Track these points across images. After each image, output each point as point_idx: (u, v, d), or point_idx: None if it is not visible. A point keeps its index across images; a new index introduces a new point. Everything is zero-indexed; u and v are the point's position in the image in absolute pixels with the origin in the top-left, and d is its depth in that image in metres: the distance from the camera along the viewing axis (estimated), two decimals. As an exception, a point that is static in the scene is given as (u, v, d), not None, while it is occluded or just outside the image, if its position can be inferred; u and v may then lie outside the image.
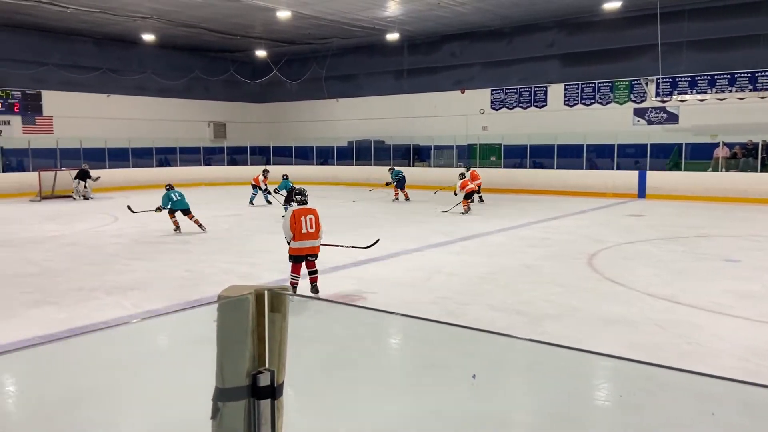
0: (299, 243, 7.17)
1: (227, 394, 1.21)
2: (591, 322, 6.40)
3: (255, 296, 1.22)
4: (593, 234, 12.20)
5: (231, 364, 1.20)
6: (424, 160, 26.65)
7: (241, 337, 1.20)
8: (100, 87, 26.17)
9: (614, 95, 22.08)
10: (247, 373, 1.21)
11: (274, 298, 1.24)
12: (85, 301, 7.26)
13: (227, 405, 1.21)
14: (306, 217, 7.22)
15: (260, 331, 1.23)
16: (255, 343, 1.22)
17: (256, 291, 1.24)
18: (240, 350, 1.20)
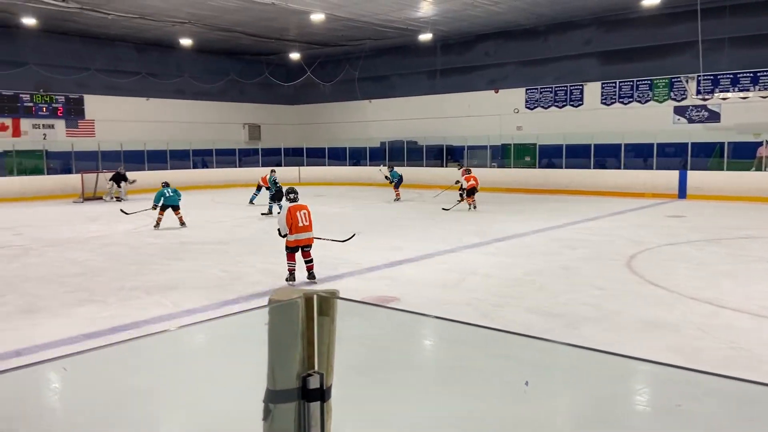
0: (296, 235, 8.18)
1: (278, 396, 1.23)
2: (631, 325, 6.29)
3: (304, 300, 1.24)
4: (632, 235, 11.96)
5: (282, 366, 1.23)
6: (458, 161, 26.50)
7: (291, 340, 1.22)
8: (139, 91, 26.80)
9: (653, 93, 21.61)
10: (298, 375, 1.23)
11: (322, 302, 1.26)
12: (127, 300, 7.45)
13: (278, 407, 1.23)
14: (300, 212, 8.26)
15: (309, 334, 1.25)
16: (305, 346, 1.24)
17: (305, 294, 1.26)
18: (290, 353, 1.22)
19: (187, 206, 19.07)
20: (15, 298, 7.57)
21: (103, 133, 25.65)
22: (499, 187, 23.40)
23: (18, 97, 23.83)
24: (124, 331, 6.19)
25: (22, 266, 9.65)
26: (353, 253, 10.40)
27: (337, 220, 15.17)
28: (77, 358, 1.33)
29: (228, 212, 17.26)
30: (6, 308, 7.11)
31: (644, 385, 4.09)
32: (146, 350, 1.32)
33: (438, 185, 24.83)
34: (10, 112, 23.69)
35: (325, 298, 1.27)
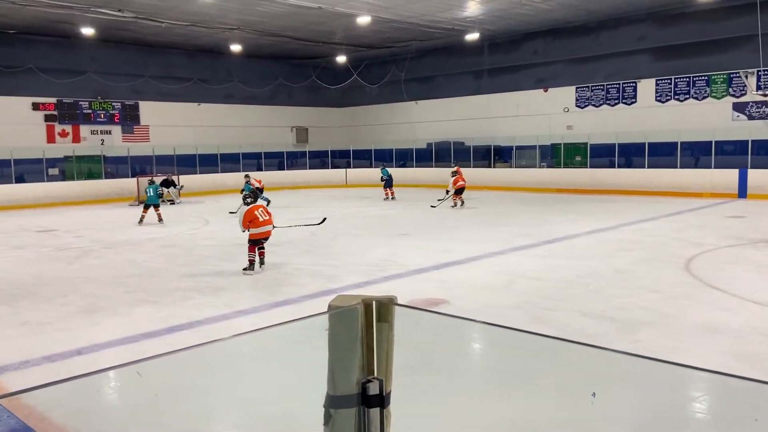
0: (258, 229, 9.42)
1: (338, 402, 1.24)
2: (690, 330, 6.06)
3: (363, 306, 1.24)
4: (690, 237, 11.54)
5: (342, 372, 1.23)
6: (506, 161, 26.18)
7: (351, 346, 1.22)
8: (191, 96, 27.55)
9: (711, 89, 20.81)
10: (357, 381, 1.23)
11: (381, 308, 1.26)
12: (182, 300, 7.65)
13: (339, 412, 1.23)
14: (257, 210, 9.54)
15: (369, 340, 1.24)
16: (364, 352, 1.24)
17: (365, 301, 1.25)
18: (350, 359, 1.22)
19: (234, 207, 19.47)
20: (77, 298, 7.88)
21: (157, 138, 26.48)
22: (549, 187, 23.00)
23: (77, 104, 24.85)
24: (180, 331, 6.36)
25: (83, 267, 10.04)
26: (402, 255, 10.40)
27: (381, 223, 15.21)
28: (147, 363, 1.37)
29: (277, 215, 17.49)
30: (68, 308, 7.41)
31: (704, 393, 3.94)
32: (209, 353, 1.35)
33: (486, 186, 24.65)
34: (71, 119, 24.72)
35: (384, 305, 1.26)
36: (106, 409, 4.17)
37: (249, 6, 19.73)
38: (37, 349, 5.88)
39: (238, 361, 3.47)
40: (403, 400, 4.12)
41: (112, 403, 4.24)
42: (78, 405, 3.78)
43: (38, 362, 5.55)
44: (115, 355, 5.66)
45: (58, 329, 6.57)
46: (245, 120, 29.16)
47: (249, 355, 2.67)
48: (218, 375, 3.96)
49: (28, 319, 6.97)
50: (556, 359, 3.42)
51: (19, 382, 5.02)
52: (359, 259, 10.21)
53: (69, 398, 3.48)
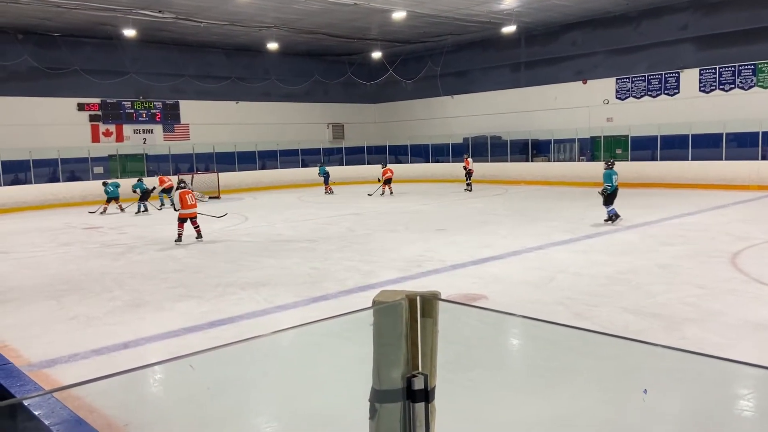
0: (186, 210, 12.25)
1: (384, 396, 1.25)
2: (737, 327, 5.88)
3: (408, 301, 1.25)
4: (736, 230, 11.19)
5: (387, 367, 1.24)
6: (544, 155, 25.80)
7: (395, 340, 1.23)
8: (229, 95, 27.99)
9: (758, 79, 20.07)
10: (402, 376, 1.24)
11: (425, 303, 1.26)
12: (223, 295, 7.80)
13: (384, 406, 1.24)
14: (188, 195, 12.33)
15: (413, 335, 1.25)
16: (408, 347, 1.24)
17: (408, 296, 1.26)
18: (395, 354, 1.23)
19: (276, 205, 19.75)
20: (122, 293, 8.11)
21: (197, 136, 27.00)
22: (588, 181, 22.58)
23: (120, 104, 25.52)
24: (221, 326, 6.49)
25: (128, 263, 10.33)
26: (438, 251, 10.37)
27: (418, 218, 15.18)
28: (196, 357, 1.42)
29: (315, 210, 17.69)
30: (115, 303, 7.64)
31: (752, 390, 3.83)
32: (255, 348, 1.37)
33: (524, 180, 24.37)
34: (114, 119, 25.41)
35: (428, 300, 1.26)
36: (152, 402, 4.29)
37: (285, 4, 19.91)
38: (85, 343, 6.08)
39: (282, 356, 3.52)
40: (446, 395, 4.12)
41: (158, 396, 4.37)
42: (125, 397, 3.91)
43: (87, 355, 5.74)
44: (160, 349, 5.82)
45: (106, 323, 6.78)
46: (282, 117, 29.47)
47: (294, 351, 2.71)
48: (264, 370, 4.03)
49: (76, 313, 7.21)
50: (599, 354, 3.36)
51: (69, 375, 5.20)
52: (396, 254, 10.23)
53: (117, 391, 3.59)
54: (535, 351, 4.89)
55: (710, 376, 3.12)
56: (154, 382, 4.35)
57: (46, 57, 23.22)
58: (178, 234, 12.19)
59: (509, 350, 4.98)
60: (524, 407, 3.93)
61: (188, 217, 12.23)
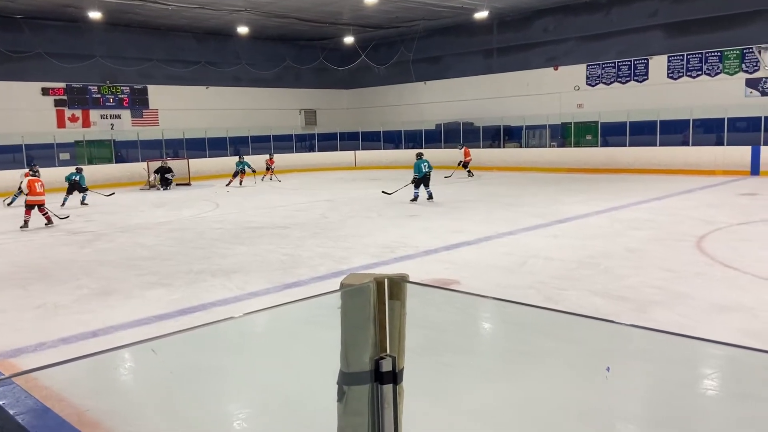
0: (33, 197, 12.83)
1: (352, 378, 1.24)
2: (703, 309, 6.04)
3: (375, 284, 1.24)
4: (702, 215, 11.45)
5: (355, 349, 1.23)
6: (516, 141, 26.01)
7: (363, 323, 1.23)
8: (199, 80, 27.52)
9: (723, 66, 20.47)
10: (370, 358, 1.24)
11: (393, 286, 1.26)
12: (194, 283, 7.71)
13: (352, 388, 1.24)
14: (36, 183, 12.92)
15: (381, 317, 1.25)
16: (376, 330, 1.24)
17: (376, 279, 1.25)
18: (363, 336, 1.23)
19: (247, 192, 19.56)
20: (90, 281, 7.96)
21: (167, 122, 26.54)
22: (559, 167, 22.87)
23: (87, 89, 24.89)
24: (192, 313, 6.42)
25: (96, 251, 10.13)
26: (411, 237, 10.40)
27: (391, 205, 15.19)
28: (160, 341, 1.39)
29: (287, 197, 17.57)
30: (82, 291, 7.49)
31: (716, 369, 3.94)
32: (224, 333, 1.35)
33: (496, 167, 24.54)
34: (80, 104, 24.80)
35: (396, 282, 1.26)
36: (121, 390, 4.24)
37: (255, -13, 19.61)
38: (52, 332, 5.96)
39: (251, 340, 3.49)
40: (418, 378, 4.14)
41: (127, 383, 4.31)
42: (94, 385, 3.84)
43: (54, 344, 5.64)
44: (130, 338, 5.73)
45: (73, 312, 6.65)
46: (253, 103, 29.12)
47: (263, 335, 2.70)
48: (232, 354, 4.00)
49: (43, 302, 7.06)
50: (569, 336, 3.42)
51: (35, 364, 5.09)
52: (369, 240, 10.23)
53: (85, 379, 3.53)
54: (506, 334, 4.94)
55: (677, 355, 3.20)
56: (125, 370, 4.29)
57: (9, 40, 22.50)
58: (25, 221, 12.74)
59: (481, 333, 5.03)
60: (495, 389, 3.98)
61: (35, 204, 12.86)
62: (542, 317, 2.88)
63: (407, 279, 1.28)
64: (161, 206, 16.37)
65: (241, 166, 21.70)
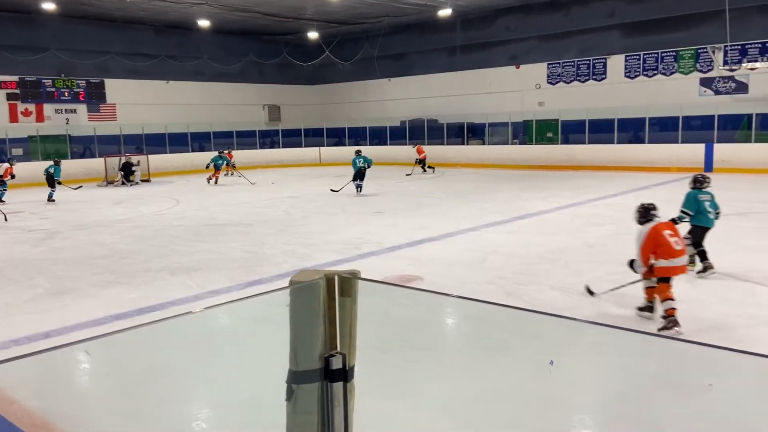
0: None
1: (301, 377, 1.23)
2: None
3: (326, 281, 1.23)
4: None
5: (304, 347, 1.22)
6: (479, 138, 26.27)
7: (313, 320, 1.22)
8: (159, 74, 26.94)
9: (678, 65, 21.07)
10: (320, 356, 1.23)
11: (343, 283, 1.25)
12: (153, 281, 7.56)
13: (301, 387, 1.23)
14: None
15: (331, 314, 1.24)
16: (326, 327, 1.23)
17: (327, 275, 1.24)
18: (312, 334, 1.22)
19: (209, 188, 19.27)
20: (44, 280, 7.73)
21: (125, 117, 25.90)
22: (521, 164, 23.18)
23: (41, 82, 24.12)
24: (151, 312, 6.29)
25: (50, 249, 9.84)
26: (376, 233, 10.41)
27: (356, 201, 15.18)
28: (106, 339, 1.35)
29: (251, 194, 17.37)
30: (36, 291, 7.27)
31: (669, 361, 4.05)
32: (171, 331, 1.33)
33: (460, 163, 24.74)
34: (34, 98, 24.01)
35: (347, 279, 1.25)
36: (76, 391, 4.13)
37: (216, -20, 19.29)
38: (3, 333, 5.77)
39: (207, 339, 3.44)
40: (380, 375, 4.14)
41: (82, 384, 4.20)
42: (47, 387, 3.73)
43: (5, 345, 5.45)
44: (84, 338, 5.58)
45: (26, 312, 6.45)
46: (215, 98, 28.68)
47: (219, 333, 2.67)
48: (188, 353, 3.94)
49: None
50: (528, 332, 3.47)
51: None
52: (333, 237, 10.20)
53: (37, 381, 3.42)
54: (469, 329, 5.00)
55: (630, 348, 3.28)
56: (79, 371, 4.19)
57: (-43, 31, 21.66)
58: None
59: (443, 329, 5.07)
60: (456, 384, 4.01)
61: None
62: (502, 313, 2.92)
63: (358, 276, 1.28)
64: (120, 203, 16.00)
65: (222, 162, 20.99)
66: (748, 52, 19.33)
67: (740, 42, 19.19)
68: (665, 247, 5.62)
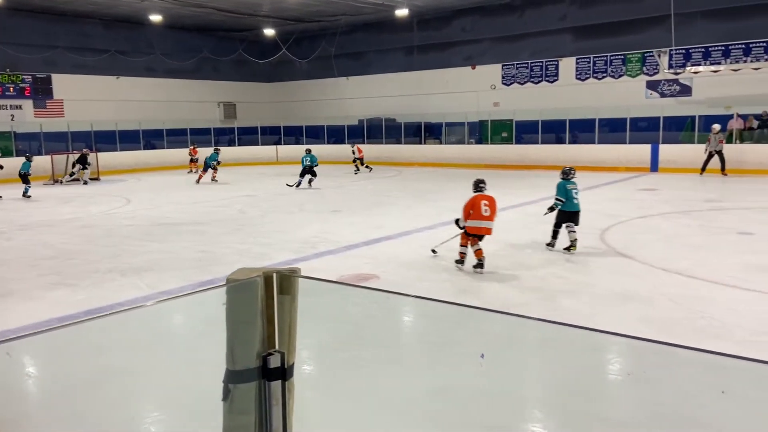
0: None
1: (238, 376, 1.22)
2: (605, 297, 6.39)
3: (264, 278, 1.23)
4: (606, 209, 12.11)
5: (241, 346, 1.21)
6: (436, 138, 26.50)
7: (250, 319, 1.21)
8: (109, 69, 26.19)
9: (626, 68, 21.73)
10: (258, 354, 1.22)
11: (283, 280, 1.25)
12: (101, 282, 7.36)
13: (238, 387, 1.22)
14: None
15: (270, 313, 1.23)
16: (264, 325, 1.23)
17: (265, 273, 1.24)
18: (250, 332, 1.21)
19: (162, 187, 18.85)
20: (-15, 283, 7.43)
21: (73, 113, 25.07)
22: (477, 163, 23.48)
23: (-17, 77, 23.14)
24: (98, 315, 6.12)
25: (-7, 250, 9.46)
26: (333, 232, 10.39)
27: (313, 200, 15.11)
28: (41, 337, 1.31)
29: (205, 192, 17.08)
30: (-24, 293, 6.98)
31: (616, 355, 4.18)
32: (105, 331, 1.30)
33: (417, 162, 24.90)
34: (-24, 93, 23.01)
35: (286, 277, 1.25)
36: (22, 396, 3.98)
37: (169, -26, 18.87)
38: (-60, 338, 5.52)
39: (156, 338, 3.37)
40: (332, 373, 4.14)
41: (28, 388, 4.06)
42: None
43: (-58, 352, 5.21)
44: (26, 342, 5.38)
45: (-35, 316, 6.18)
46: (168, 95, 28.05)
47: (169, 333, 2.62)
48: (137, 354, 3.85)
49: (-70, 306, 6.52)
50: (479, 328, 3.52)
51: None
52: (290, 236, 10.12)
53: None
54: (422, 327, 5.05)
55: (580, 343, 3.37)
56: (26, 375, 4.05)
57: None
58: None
59: (397, 327, 5.10)
60: (407, 381, 4.05)
61: None
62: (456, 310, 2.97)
63: (298, 273, 1.28)
64: (68, 202, 15.50)
65: (213, 161, 19.93)
66: (692, 56, 20.07)
67: (684, 46, 19.92)
68: (477, 211, 7.62)
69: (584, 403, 3.85)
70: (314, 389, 3.67)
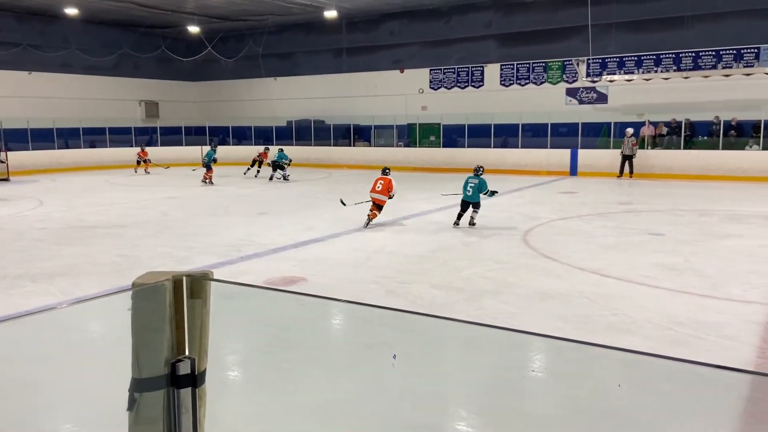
0: None
1: (144, 384, 1.17)
2: (526, 296, 6.60)
3: (173, 282, 1.18)
4: (528, 211, 12.54)
5: (147, 353, 1.16)
6: (366, 140, 26.59)
7: (157, 324, 1.16)
8: (20, 64, 24.68)
9: (548, 75, 22.59)
10: (166, 361, 1.17)
11: (193, 284, 1.21)
12: (9, 289, 6.92)
13: (144, 395, 1.17)
14: None
15: (179, 318, 1.19)
16: (173, 331, 1.18)
17: (174, 277, 1.19)
18: (157, 338, 1.16)
19: (79, 188, 17.94)
20: None
21: (-20, 110, 23.47)
22: (406, 166, 23.72)
23: None
24: (5, 322, 5.74)
25: None
26: (260, 234, 10.21)
27: (240, 202, 14.82)
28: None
29: (125, 194, 16.38)
30: None
31: (537, 352, 4.32)
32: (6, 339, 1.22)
33: (346, 164, 24.89)
34: None
35: (197, 280, 1.21)
36: None
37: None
38: None
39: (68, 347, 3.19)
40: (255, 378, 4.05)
41: None
42: None
43: None
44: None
45: None
46: (86, 92, 26.74)
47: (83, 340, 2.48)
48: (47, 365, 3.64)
49: None
50: (407, 329, 3.56)
51: None
52: (215, 239, 9.87)
53: None
54: (348, 329, 5.04)
55: (502, 343, 3.46)
56: None
57: None
58: None
59: (324, 330, 5.07)
60: (332, 383, 4.03)
61: None
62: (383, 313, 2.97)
63: (210, 276, 1.24)
64: (-29, 204, 14.46)
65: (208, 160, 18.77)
66: (608, 66, 21.12)
67: (601, 56, 20.93)
68: (373, 186, 10.91)
69: (507, 401, 3.96)
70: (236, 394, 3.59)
